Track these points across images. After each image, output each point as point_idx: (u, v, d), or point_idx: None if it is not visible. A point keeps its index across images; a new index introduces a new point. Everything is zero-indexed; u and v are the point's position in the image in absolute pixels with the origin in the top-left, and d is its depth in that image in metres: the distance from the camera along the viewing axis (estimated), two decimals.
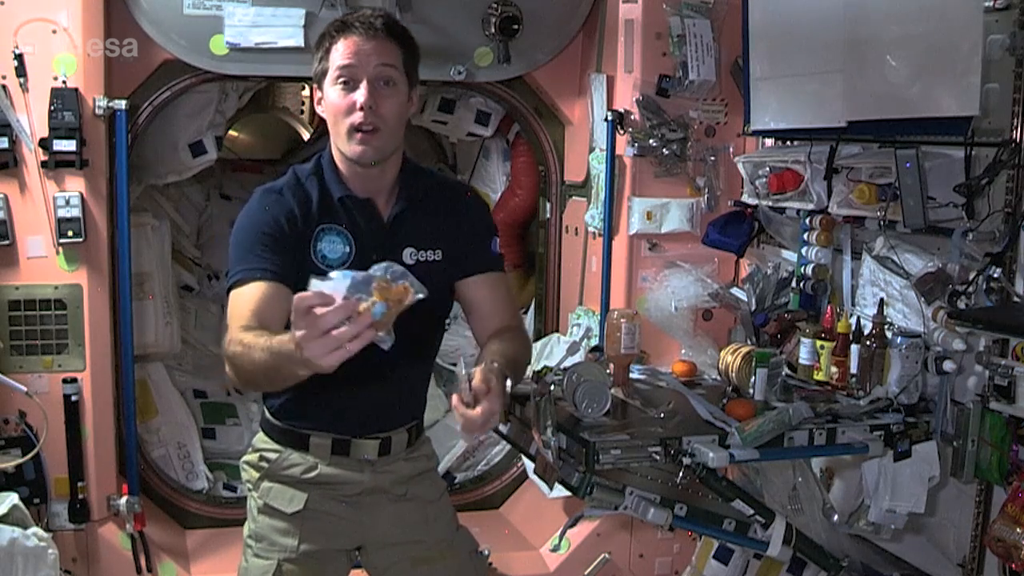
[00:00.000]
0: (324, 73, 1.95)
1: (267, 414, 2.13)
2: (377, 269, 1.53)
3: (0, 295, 3.00)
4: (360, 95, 1.89)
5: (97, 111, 3.00)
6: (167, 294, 3.85)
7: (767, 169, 3.02)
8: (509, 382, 1.86)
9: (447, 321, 2.25)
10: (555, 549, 3.39)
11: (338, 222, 1.99)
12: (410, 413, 2.18)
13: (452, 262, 2.08)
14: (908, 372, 2.51)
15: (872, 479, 2.58)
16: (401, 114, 1.96)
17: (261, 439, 2.14)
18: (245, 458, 2.17)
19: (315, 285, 1.48)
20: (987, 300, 2.41)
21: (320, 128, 5.58)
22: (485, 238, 2.13)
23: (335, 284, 1.48)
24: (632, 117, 3.29)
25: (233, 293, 1.90)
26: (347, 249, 1.98)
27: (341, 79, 1.91)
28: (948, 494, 2.62)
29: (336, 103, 1.92)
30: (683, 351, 3.28)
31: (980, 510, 2.49)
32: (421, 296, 1.54)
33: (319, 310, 1.46)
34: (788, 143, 3.11)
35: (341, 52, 1.91)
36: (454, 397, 1.77)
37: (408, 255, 2.02)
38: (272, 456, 2.10)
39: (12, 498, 2.71)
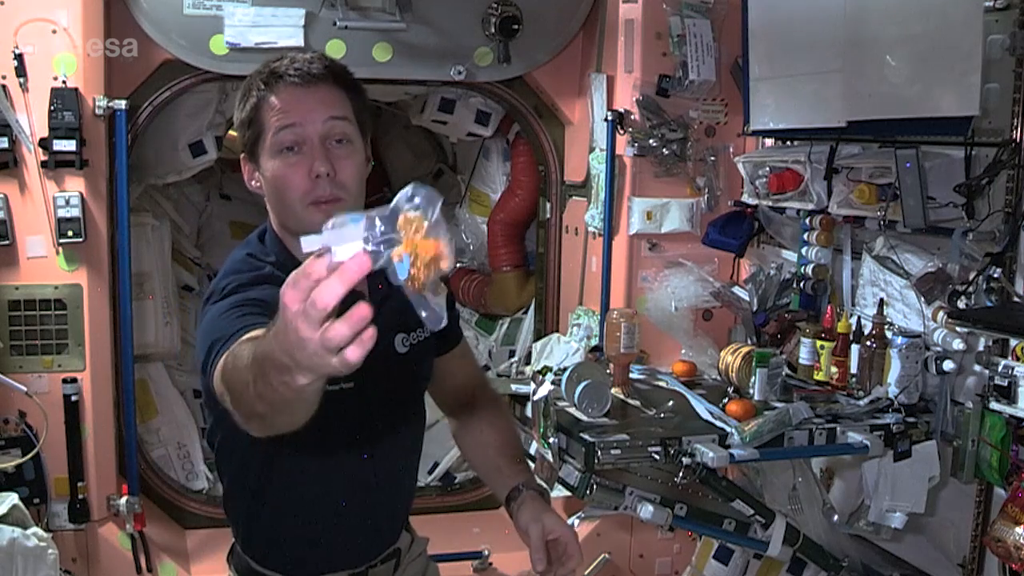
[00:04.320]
0: (256, 141, 1.55)
1: (253, 564, 1.73)
2: (402, 197, 0.95)
3: (0, 295, 3.00)
4: (316, 163, 1.50)
5: (97, 111, 3.00)
6: (167, 294, 3.85)
7: (767, 169, 3.02)
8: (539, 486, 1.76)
9: None
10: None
11: None
12: (406, 511, 1.86)
13: (439, 336, 1.75)
14: (908, 372, 2.51)
15: (872, 479, 2.58)
16: (362, 177, 1.58)
17: None
18: None
19: (308, 242, 0.94)
20: (987, 300, 2.41)
21: None
22: (453, 312, 1.85)
23: (340, 232, 0.91)
24: (632, 117, 3.28)
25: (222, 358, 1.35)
26: None
27: (284, 145, 1.52)
28: (948, 494, 2.62)
29: (281, 176, 1.52)
30: (683, 351, 3.28)
31: (980, 510, 2.49)
32: (453, 269, 1.17)
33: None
34: (788, 143, 3.11)
35: (277, 110, 1.52)
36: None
37: (400, 342, 1.69)
38: None
39: (12, 498, 2.71)
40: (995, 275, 2.38)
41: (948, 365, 2.46)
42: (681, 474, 2.42)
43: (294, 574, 1.71)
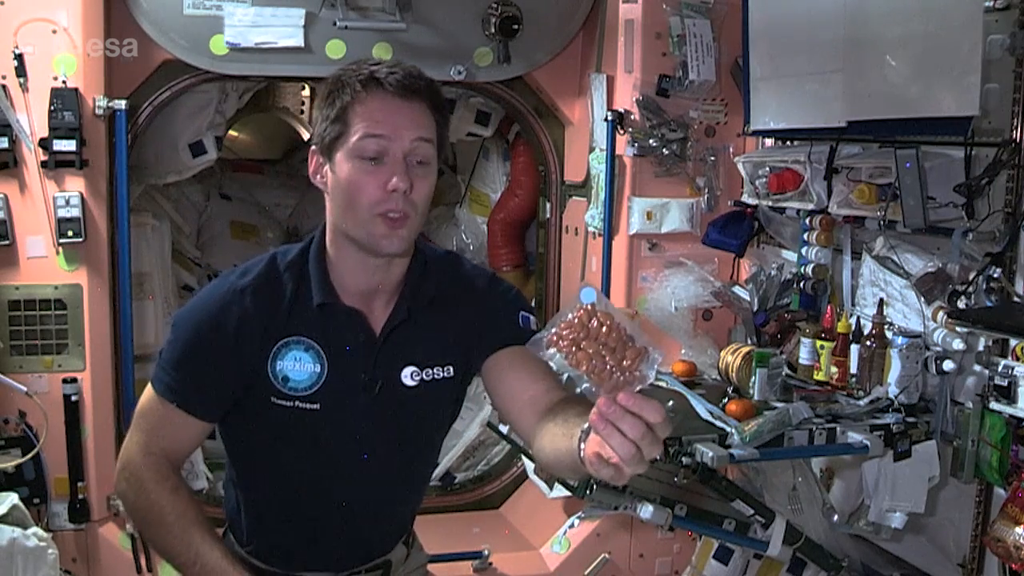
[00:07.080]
0: (338, 139, 1.53)
1: (237, 546, 1.76)
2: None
3: (0, 295, 3.00)
4: (396, 178, 1.49)
5: (97, 111, 3.00)
6: (167, 294, 3.85)
7: (767, 169, 3.02)
8: None
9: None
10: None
11: (309, 334, 1.59)
12: (400, 528, 1.84)
13: (468, 371, 1.72)
14: (908, 372, 2.51)
15: (872, 479, 2.58)
16: (431, 197, 1.59)
17: None
18: None
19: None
20: (987, 300, 2.41)
21: None
22: (509, 313, 1.70)
23: None
24: (632, 117, 3.28)
25: (150, 395, 1.62)
26: (317, 369, 1.59)
27: (366, 154, 1.50)
28: (948, 494, 2.62)
29: (358, 182, 1.51)
30: (683, 351, 3.28)
31: (980, 510, 2.49)
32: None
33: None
34: (788, 143, 3.11)
35: (371, 115, 1.50)
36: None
37: (409, 375, 1.65)
38: None
39: (12, 498, 2.71)
40: (995, 275, 2.38)
41: (948, 365, 2.46)
42: (681, 474, 2.43)
43: (272, 564, 1.73)
